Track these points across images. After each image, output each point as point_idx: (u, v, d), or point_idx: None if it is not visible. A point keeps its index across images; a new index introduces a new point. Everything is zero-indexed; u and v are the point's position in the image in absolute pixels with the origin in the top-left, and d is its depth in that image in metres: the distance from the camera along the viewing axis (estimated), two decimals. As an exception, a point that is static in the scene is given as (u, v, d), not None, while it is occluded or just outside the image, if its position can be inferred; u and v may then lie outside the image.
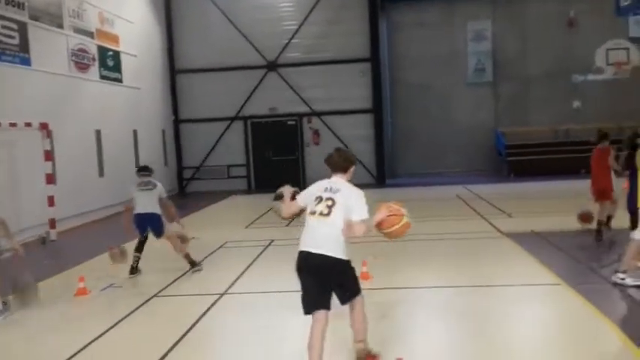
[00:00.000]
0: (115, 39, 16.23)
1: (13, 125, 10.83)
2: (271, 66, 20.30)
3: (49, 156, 11.86)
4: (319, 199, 4.36)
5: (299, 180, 20.27)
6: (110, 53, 15.88)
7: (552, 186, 16.80)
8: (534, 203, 13.88)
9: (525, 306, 6.38)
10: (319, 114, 20.26)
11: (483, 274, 7.59)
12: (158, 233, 8.24)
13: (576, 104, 21.02)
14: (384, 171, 20.31)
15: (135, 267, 8.33)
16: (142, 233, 8.30)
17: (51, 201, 11.72)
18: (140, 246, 8.37)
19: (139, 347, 5.65)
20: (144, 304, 6.90)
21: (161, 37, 19.98)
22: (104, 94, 15.44)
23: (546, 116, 21.12)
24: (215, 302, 6.84)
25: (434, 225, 11.11)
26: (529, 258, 8.21)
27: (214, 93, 20.33)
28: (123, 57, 16.56)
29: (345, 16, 19.91)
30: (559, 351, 5.13)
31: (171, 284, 7.77)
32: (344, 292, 4.44)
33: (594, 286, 6.75)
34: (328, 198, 4.32)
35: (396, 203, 4.50)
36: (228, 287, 7.45)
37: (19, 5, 12.07)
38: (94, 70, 15.03)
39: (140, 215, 8.18)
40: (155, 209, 8.20)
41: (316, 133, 20.34)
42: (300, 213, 4.66)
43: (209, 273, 8.48)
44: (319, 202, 4.34)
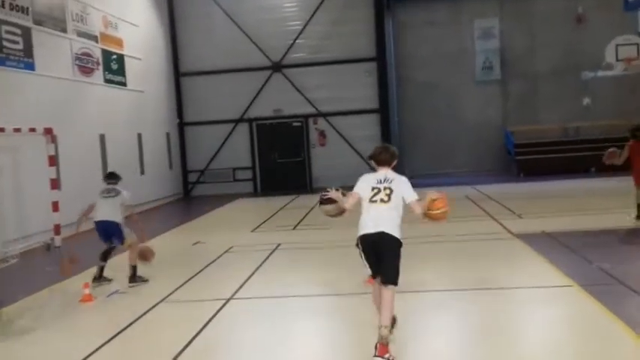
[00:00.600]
0: (119, 42, 16.19)
1: (17, 130, 10.78)
2: (276, 67, 20.20)
3: (54, 161, 11.78)
4: (377, 190, 5.06)
5: (305, 182, 20.18)
6: (114, 57, 15.83)
7: (562, 185, 16.59)
8: (544, 203, 13.68)
9: (536, 308, 6.24)
10: (325, 115, 20.14)
11: (494, 276, 7.45)
12: (118, 241, 8.01)
13: (586, 101, 20.74)
14: (391, 172, 20.10)
15: (98, 276, 8.07)
16: (106, 241, 8.07)
17: (55, 206, 11.64)
18: (104, 255, 8.12)
19: (145, 354, 5.57)
20: (150, 311, 6.80)
21: (165, 40, 19.93)
22: (108, 98, 15.39)
23: (556, 114, 20.88)
24: (221, 308, 6.74)
25: (444, 226, 10.85)
26: (540, 259, 8.05)
27: (219, 95, 20.26)
28: (127, 60, 16.51)
29: (350, 16, 19.79)
30: (571, 354, 4.99)
31: (177, 290, 7.67)
32: (388, 270, 5.00)
33: (606, 288, 6.59)
34: (386, 187, 5.06)
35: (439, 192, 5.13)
36: (234, 292, 7.34)
37: (23, 10, 12.02)
38: (99, 74, 14.98)
39: (99, 223, 8.03)
40: (115, 217, 8.02)
41: (322, 134, 20.22)
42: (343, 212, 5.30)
43: (215, 278, 8.38)
44: (378, 192, 5.05)
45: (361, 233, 5.07)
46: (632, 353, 4.86)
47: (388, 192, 5.04)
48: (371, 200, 5.06)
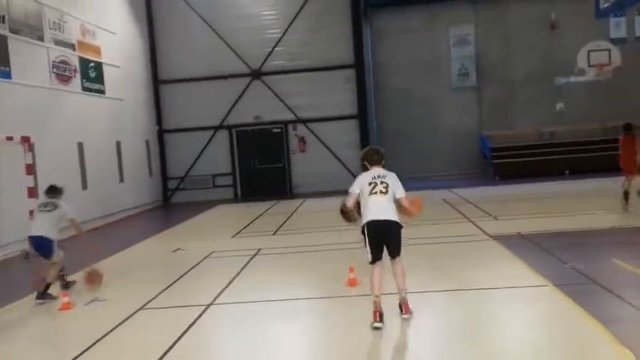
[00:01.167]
0: (97, 50, 16.12)
1: (-6, 139, 10.68)
2: (255, 74, 20.27)
3: (31, 169, 11.68)
4: (374, 184, 5.94)
5: (285, 188, 20.24)
6: (92, 65, 15.76)
7: (537, 188, 16.89)
8: (520, 205, 13.93)
9: (513, 308, 6.38)
10: (305, 121, 20.24)
11: (471, 278, 7.58)
12: (46, 256, 7.82)
13: (560, 106, 21.19)
14: (371, 177, 20.25)
15: (65, 283, 7.99)
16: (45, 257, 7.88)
17: (33, 215, 11.51)
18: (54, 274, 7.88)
19: (124, 362, 5.55)
20: (129, 318, 6.79)
21: (144, 48, 19.88)
22: (86, 106, 15.30)
23: (530, 119, 21.27)
24: (202, 314, 6.76)
25: (421, 229, 11.08)
26: (515, 260, 8.21)
27: (198, 102, 20.26)
28: (105, 68, 16.44)
29: (329, 23, 19.96)
30: (546, 353, 5.12)
31: (156, 297, 7.67)
32: (395, 248, 5.93)
33: (580, 287, 6.76)
34: (382, 182, 5.95)
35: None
36: (214, 298, 7.37)
37: (-1, 18, 11.94)
38: (76, 82, 14.90)
39: (31, 238, 7.85)
40: (48, 233, 7.77)
41: (302, 141, 20.31)
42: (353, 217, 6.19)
43: (195, 284, 8.39)
44: (375, 186, 5.93)
45: (369, 219, 5.84)
46: (605, 351, 4.99)
47: (385, 185, 5.94)
48: (371, 193, 5.90)
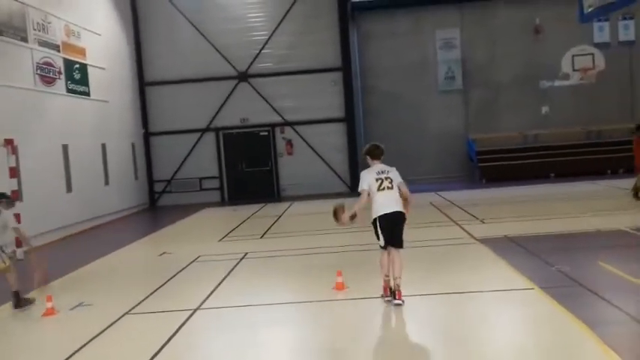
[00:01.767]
0: (82, 52, 15.97)
1: (-24, 142, 10.53)
2: (242, 76, 20.21)
3: (15, 172, 11.54)
4: (381, 180, 6.49)
5: (273, 191, 20.19)
6: (77, 66, 15.61)
7: (523, 191, 17.01)
8: (506, 208, 14.02)
9: (499, 311, 6.40)
10: (292, 124, 20.22)
11: (458, 281, 7.60)
12: None
13: (544, 110, 21.41)
14: (358, 180, 20.25)
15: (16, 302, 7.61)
16: None
17: (17, 218, 11.31)
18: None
19: (109, 368, 5.49)
20: (115, 323, 6.72)
21: (129, 49, 19.75)
22: (71, 108, 15.15)
23: (516, 122, 21.44)
24: (188, 318, 6.70)
25: (408, 232, 11.10)
26: (502, 263, 8.26)
27: (185, 105, 20.16)
28: (90, 70, 16.30)
29: (316, 26, 19.97)
30: (533, 356, 5.14)
31: (143, 301, 7.59)
32: (399, 238, 6.50)
33: (566, 290, 6.80)
34: (387, 177, 6.52)
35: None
36: (201, 302, 7.31)
37: (-19, 19, 11.79)
38: (61, 84, 14.74)
39: None
40: None
41: (289, 143, 20.29)
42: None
43: (182, 288, 8.33)
44: (382, 182, 6.48)
45: (382, 213, 6.42)
46: (591, 353, 5.02)
47: (390, 180, 6.50)
48: (379, 189, 6.47)
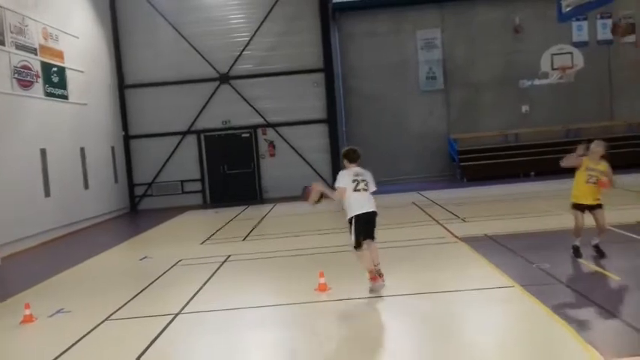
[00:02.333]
0: (60, 55, 15.77)
1: (-49, 147, 10.33)
2: (224, 78, 20.11)
3: (-9, 177, 11.35)
4: (357, 182, 7.06)
5: (255, 193, 20.11)
6: (55, 69, 15.41)
7: (504, 189, 17.15)
8: (488, 207, 14.13)
9: (480, 310, 6.43)
10: (274, 125, 20.17)
11: (439, 280, 7.64)
12: None
13: (525, 109, 21.62)
14: (341, 180, 20.28)
15: None
16: None
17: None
18: None
19: (88, 375, 5.40)
20: (94, 329, 6.63)
21: (108, 52, 19.54)
22: (49, 112, 14.95)
23: (496, 121, 21.62)
24: (169, 323, 6.63)
25: (391, 232, 11.16)
26: (483, 261, 8.31)
27: (165, 107, 20.00)
28: (68, 73, 16.09)
29: (297, 27, 19.94)
30: (513, 353, 5.16)
31: (123, 306, 7.50)
32: (372, 233, 7.20)
33: (546, 287, 6.87)
34: (362, 180, 7.11)
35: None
36: (183, 307, 7.24)
37: (-45, 22, 11.57)
38: (38, 87, 14.54)
39: None
40: None
41: (272, 145, 20.23)
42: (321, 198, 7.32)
43: (163, 293, 8.24)
44: (358, 184, 7.06)
45: (358, 213, 7.01)
46: (571, 350, 5.05)
47: (365, 182, 7.10)
48: (355, 189, 7.05)
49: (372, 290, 7.08)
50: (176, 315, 6.92)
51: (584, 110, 21.32)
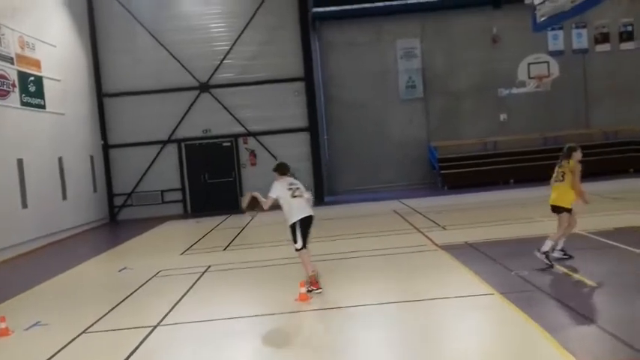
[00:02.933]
0: (37, 64, 15.58)
1: None
2: (204, 87, 20.05)
3: (-34, 189, 11.15)
4: (293, 190, 7.63)
5: (236, 202, 19.99)
6: (32, 78, 15.22)
7: (484, 197, 17.31)
8: (467, 215, 14.23)
9: (460, 317, 6.46)
10: (255, 134, 20.13)
11: (420, 288, 7.66)
12: None
13: (503, 117, 21.90)
14: (323, 189, 20.35)
15: None
16: None
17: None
18: None
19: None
20: (71, 343, 6.53)
21: (86, 61, 19.36)
22: (26, 121, 14.74)
23: (475, 129, 21.86)
24: (148, 335, 6.55)
25: (371, 241, 11.20)
26: (463, 269, 8.36)
27: (145, 116, 19.85)
28: (46, 82, 15.90)
29: (278, 36, 19.98)
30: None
31: (101, 319, 7.40)
32: (308, 237, 7.71)
33: (525, 294, 6.93)
34: (297, 187, 7.69)
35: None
36: (161, 319, 7.16)
37: None
38: (15, 97, 14.34)
39: None
40: None
41: (253, 154, 20.18)
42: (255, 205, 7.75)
43: (142, 305, 8.15)
44: (294, 191, 7.62)
45: (301, 217, 7.55)
46: (550, 357, 5.09)
47: (300, 190, 7.68)
48: (293, 196, 7.60)
49: (309, 291, 7.48)
50: (155, 327, 6.84)
51: (560, 118, 21.67)
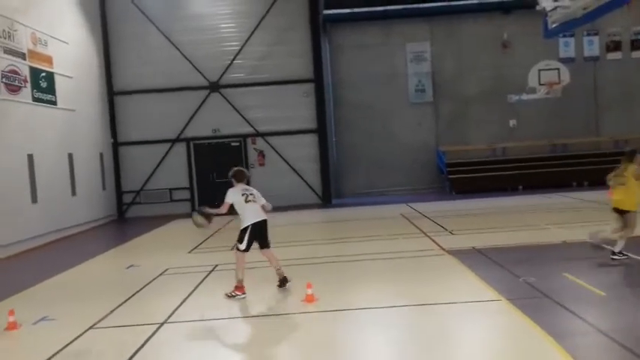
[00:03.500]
0: (49, 60, 15.69)
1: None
2: (214, 87, 20.12)
3: (-23, 183, 11.24)
4: (246, 196, 7.98)
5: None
6: (43, 74, 15.33)
7: (492, 203, 17.26)
8: (475, 220, 14.20)
9: (467, 323, 6.45)
10: (264, 135, 20.18)
11: (427, 293, 7.64)
12: None
13: (512, 123, 21.84)
14: (330, 191, 20.36)
15: None
16: None
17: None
18: None
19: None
20: (78, 338, 6.56)
21: (98, 58, 19.48)
22: (37, 117, 14.85)
23: (484, 134, 21.81)
24: (154, 333, 6.57)
25: (379, 244, 11.19)
26: (470, 274, 8.34)
27: (155, 115, 19.95)
28: (57, 78, 16.01)
29: (288, 38, 20.03)
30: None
31: (108, 315, 7.43)
32: (267, 240, 8.11)
33: (532, 301, 6.90)
34: (251, 194, 8.05)
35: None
36: (168, 316, 7.19)
37: (-56, 25, 11.49)
38: (26, 92, 14.44)
39: None
40: None
41: (261, 154, 20.22)
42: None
43: (148, 302, 8.19)
44: (247, 197, 7.98)
45: (253, 221, 7.89)
46: (554, 363, 5.10)
47: (253, 196, 8.04)
48: (246, 201, 7.94)
49: (229, 297, 7.76)
50: (161, 324, 6.86)
51: (570, 126, 21.59)
